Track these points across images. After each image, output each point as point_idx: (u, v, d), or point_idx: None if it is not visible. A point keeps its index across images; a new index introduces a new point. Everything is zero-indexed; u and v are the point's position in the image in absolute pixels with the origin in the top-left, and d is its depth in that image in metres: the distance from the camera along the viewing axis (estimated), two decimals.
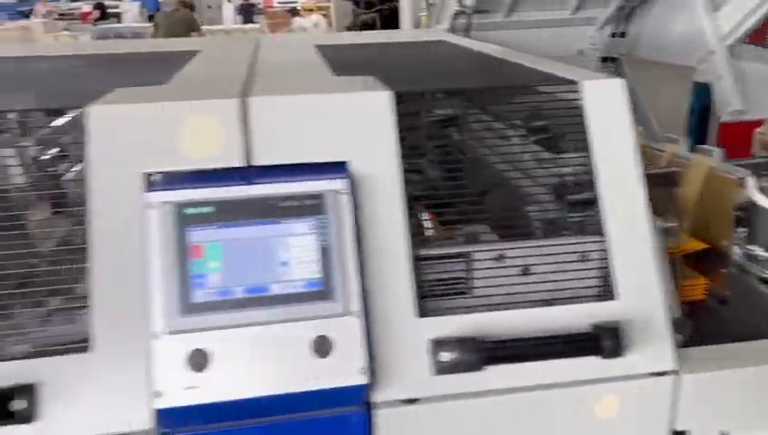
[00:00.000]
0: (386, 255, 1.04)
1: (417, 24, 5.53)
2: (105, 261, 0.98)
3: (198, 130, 1.05)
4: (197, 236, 0.97)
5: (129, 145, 1.03)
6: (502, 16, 2.75)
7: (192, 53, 1.85)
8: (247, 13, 11.73)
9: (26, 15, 11.33)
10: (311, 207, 0.99)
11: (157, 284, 0.94)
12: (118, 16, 11.11)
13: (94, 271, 0.98)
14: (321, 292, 0.97)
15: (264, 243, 0.97)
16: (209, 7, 11.55)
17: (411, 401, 1.03)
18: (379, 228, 1.05)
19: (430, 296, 1.06)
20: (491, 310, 1.06)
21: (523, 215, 1.21)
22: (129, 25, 9.61)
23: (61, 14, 11.69)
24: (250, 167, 1.05)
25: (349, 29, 7.60)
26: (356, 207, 1.03)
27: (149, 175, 1.02)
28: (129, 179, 1.01)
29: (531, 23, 2.78)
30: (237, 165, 1.05)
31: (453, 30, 2.63)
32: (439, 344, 1.02)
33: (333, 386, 0.95)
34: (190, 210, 0.97)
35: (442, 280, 1.08)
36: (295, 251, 0.97)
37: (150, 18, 9.62)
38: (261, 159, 1.06)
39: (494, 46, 1.88)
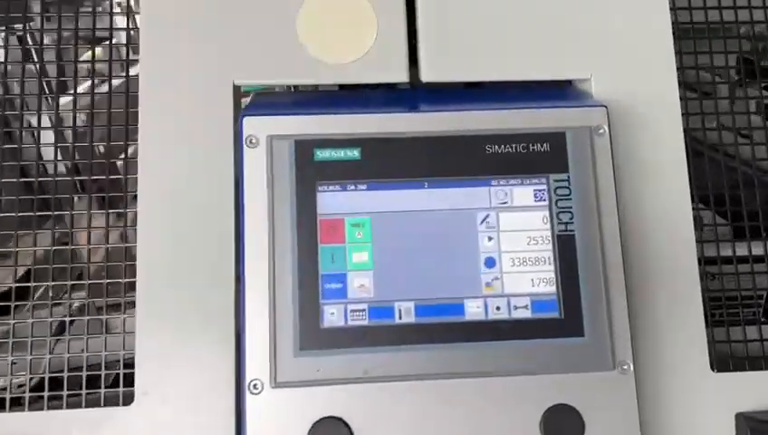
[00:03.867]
0: (656, 255, 0.58)
1: None
2: (150, 237, 0.55)
3: (330, 14, 0.60)
4: (335, 202, 0.53)
5: (212, 39, 0.59)
6: None
7: None
8: None
9: None
10: (541, 157, 0.54)
11: (255, 289, 0.51)
12: None
13: (139, 257, 0.55)
14: (559, 321, 0.51)
15: (452, 222, 0.52)
16: None
17: None
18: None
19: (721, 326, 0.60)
20: None
21: None
22: None
23: None
24: (417, 86, 0.60)
25: None
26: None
27: (246, 91, 0.58)
28: (212, 95, 0.58)
29: None
30: (397, 81, 0.60)
31: None
32: (754, 424, 0.56)
33: None
34: (323, 153, 0.53)
35: (745, 303, 0.62)
36: (511, 240, 0.52)
37: None
38: (433, 74, 0.61)
39: None
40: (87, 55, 0.64)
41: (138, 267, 0.55)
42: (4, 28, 0.65)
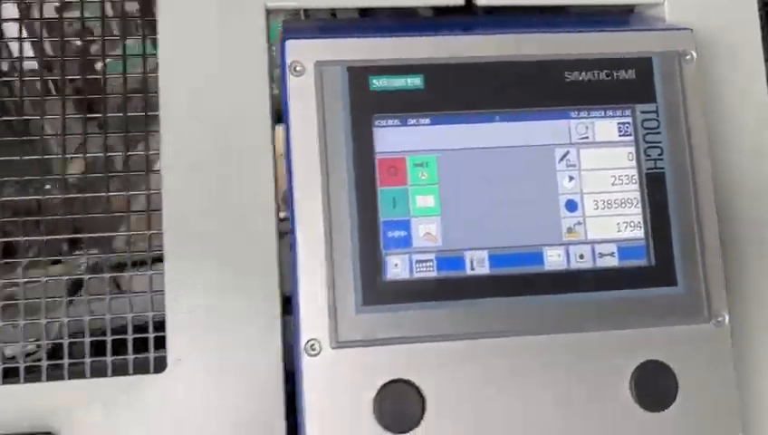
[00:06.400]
0: (744, 195, 0.53)
1: None
2: (175, 184, 0.48)
3: None
4: (395, 138, 0.46)
5: None
6: None
7: None
8: None
9: None
10: (626, 85, 0.47)
11: (308, 239, 0.44)
12: None
13: (166, 207, 0.48)
14: (649, 270, 0.46)
15: (528, 159, 0.46)
16: None
17: None
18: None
19: None
20: None
21: None
22: None
23: None
24: (474, 7, 0.53)
25: None
26: None
27: (285, 14, 0.51)
28: (242, 19, 0.50)
29: None
30: (450, 3, 0.53)
31: None
32: None
33: None
34: (381, 82, 0.46)
35: None
36: (594, 179, 0.46)
37: None
38: None
39: None
40: None
41: (164, 220, 0.48)
42: None
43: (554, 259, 0.45)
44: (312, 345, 0.43)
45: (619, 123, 0.46)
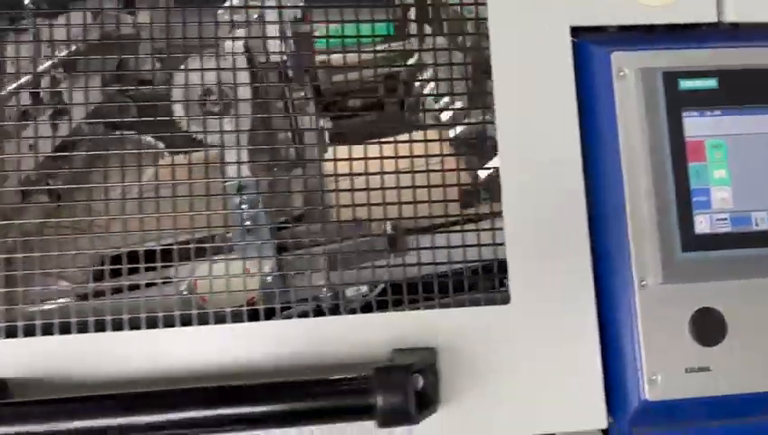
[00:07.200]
0: None
1: None
2: (513, 158, 0.63)
3: None
4: (697, 126, 0.60)
5: None
6: None
7: None
8: None
9: None
10: None
11: (634, 203, 0.59)
12: None
13: (504, 175, 0.63)
14: None
15: None
16: None
17: None
18: None
19: None
20: None
21: None
22: None
23: None
24: (722, 24, 0.67)
25: None
26: None
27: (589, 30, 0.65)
28: (552, 36, 0.64)
29: None
30: (707, 21, 0.67)
31: None
32: None
33: None
34: (687, 83, 0.60)
35: None
36: None
37: None
38: (737, 14, 0.67)
39: None
40: None
41: (503, 193, 0.62)
42: None
43: None
44: (643, 282, 0.58)
45: None
